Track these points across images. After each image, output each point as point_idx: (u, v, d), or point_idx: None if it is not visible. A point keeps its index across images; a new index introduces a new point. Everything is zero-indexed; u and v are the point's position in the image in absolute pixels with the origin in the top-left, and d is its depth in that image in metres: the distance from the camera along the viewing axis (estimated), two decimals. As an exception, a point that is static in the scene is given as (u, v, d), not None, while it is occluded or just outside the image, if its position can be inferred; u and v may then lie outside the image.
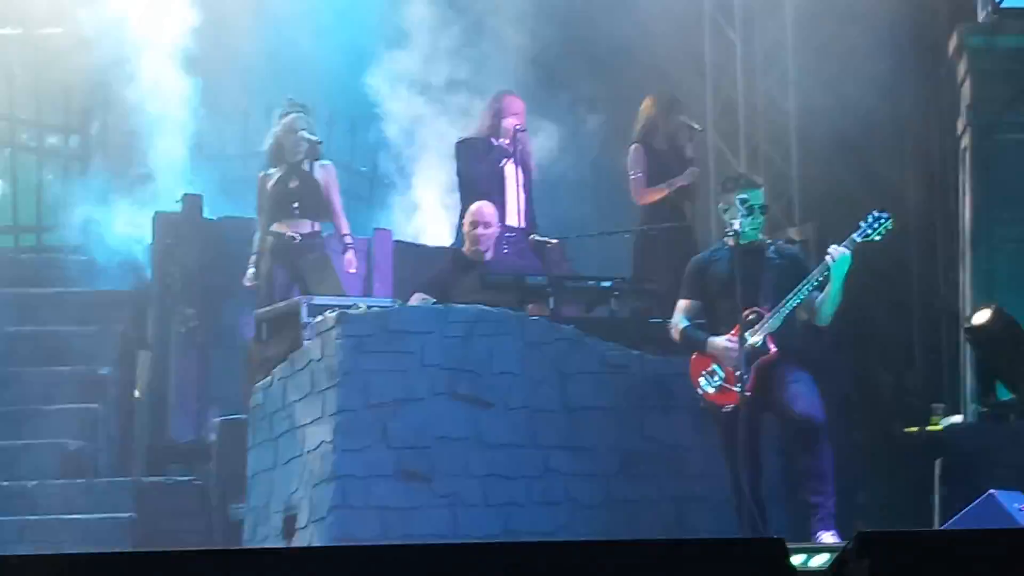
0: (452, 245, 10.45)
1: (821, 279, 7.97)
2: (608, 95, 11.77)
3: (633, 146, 10.25)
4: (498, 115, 10.32)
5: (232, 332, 10.91)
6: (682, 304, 8.26)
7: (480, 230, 9.63)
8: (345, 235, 10.43)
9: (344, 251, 10.37)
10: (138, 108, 12.18)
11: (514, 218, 10.25)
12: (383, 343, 8.37)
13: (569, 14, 11.94)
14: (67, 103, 12.41)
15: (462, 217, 10.04)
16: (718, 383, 8.00)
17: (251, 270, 10.28)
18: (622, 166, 10.33)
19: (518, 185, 10.31)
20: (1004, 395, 9.27)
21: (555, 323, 8.78)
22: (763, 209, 8.21)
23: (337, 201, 10.39)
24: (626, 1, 11.60)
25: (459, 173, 10.51)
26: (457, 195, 10.66)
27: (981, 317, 9.14)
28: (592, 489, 8.37)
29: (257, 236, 10.34)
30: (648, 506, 8.44)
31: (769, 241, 8.30)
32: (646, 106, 10.30)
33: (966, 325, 9.38)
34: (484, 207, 9.78)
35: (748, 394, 7.85)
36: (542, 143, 10.94)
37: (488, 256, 9.68)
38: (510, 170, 10.31)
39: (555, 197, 10.63)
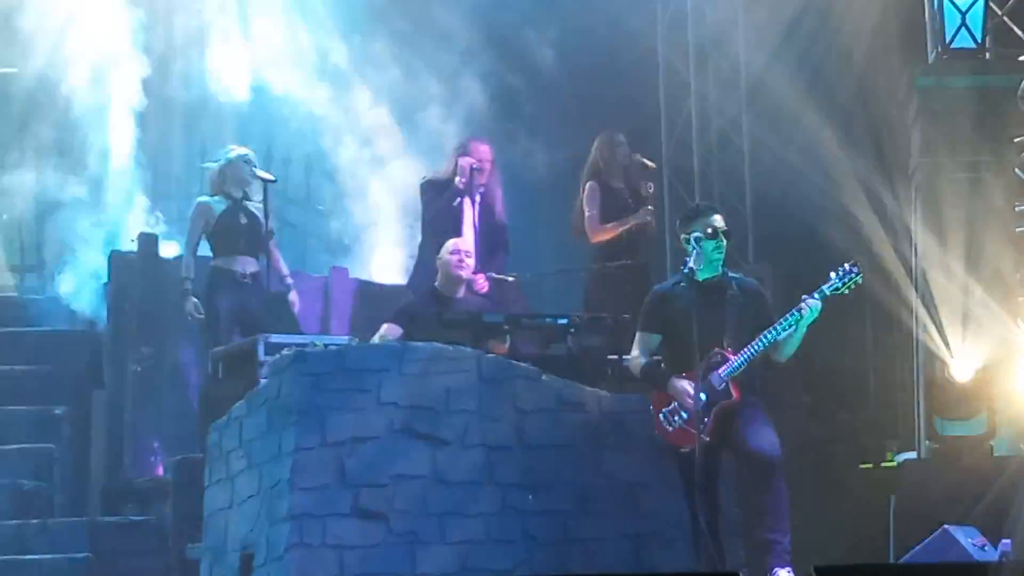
0: (411, 281, 10.49)
1: (787, 330, 7.97)
2: (565, 135, 11.84)
3: (588, 184, 10.33)
4: (458, 157, 10.40)
5: (187, 371, 10.89)
6: (641, 337, 8.25)
7: (462, 257, 9.70)
8: (286, 276, 10.42)
9: (288, 292, 10.36)
10: (92, 145, 12.18)
11: (472, 259, 10.29)
12: (340, 381, 8.36)
13: (525, 54, 12.01)
14: (21, 142, 12.38)
15: (420, 255, 10.07)
16: (678, 423, 8.01)
17: (194, 300, 10.20)
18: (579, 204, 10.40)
19: (474, 225, 10.38)
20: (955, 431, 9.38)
21: (512, 360, 8.79)
22: (725, 235, 8.19)
23: (273, 241, 10.35)
24: (583, 44, 11.69)
25: (422, 213, 10.57)
26: (409, 233, 10.72)
27: None
28: (550, 526, 8.37)
29: (186, 264, 10.24)
30: (606, 543, 8.44)
31: (731, 275, 8.30)
32: (598, 145, 10.38)
33: None
34: (460, 240, 9.87)
35: (708, 438, 7.88)
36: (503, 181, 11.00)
37: (461, 291, 9.73)
38: (467, 210, 10.38)
39: (512, 235, 10.68)
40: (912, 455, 10.00)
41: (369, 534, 8.13)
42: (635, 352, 8.25)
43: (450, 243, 9.84)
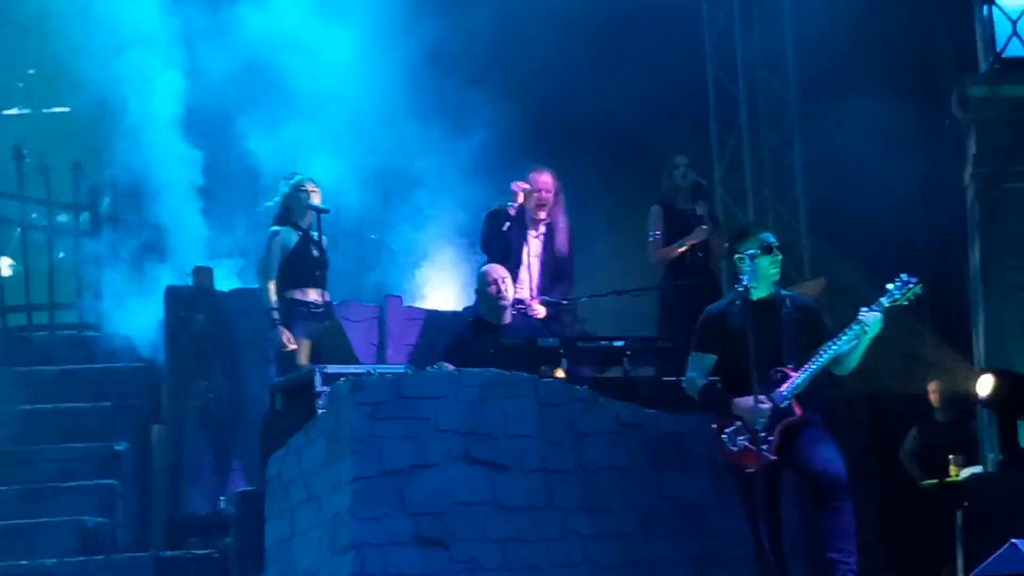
0: (466, 310, 10.49)
1: (848, 345, 7.89)
2: (619, 158, 11.84)
3: (653, 207, 10.40)
4: (524, 188, 10.41)
5: (246, 403, 10.92)
6: (696, 358, 8.17)
7: (499, 286, 9.66)
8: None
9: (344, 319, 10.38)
10: (146, 184, 12.26)
11: (526, 290, 10.30)
12: (397, 409, 8.35)
13: (575, 78, 12.02)
14: (75, 181, 12.48)
15: (479, 285, 10.09)
16: (742, 443, 7.93)
17: (284, 331, 10.16)
18: (636, 227, 10.42)
19: (539, 256, 10.39)
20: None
21: (569, 384, 8.77)
22: (779, 251, 8.12)
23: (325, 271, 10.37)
24: (632, 66, 11.69)
25: (482, 242, 10.58)
26: (463, 259, 10.72)
27: (985, 387, 9.17)
28: (611, 550, 8.33)
29: (269, 296, 10.26)
30: (668, 565, 8.39)
31: (785, 293, 8.23)
32: (667, 166, 10.43)
33: (976, 398, 9.39)
34: (496, 267, 9.84)
35: (774, 457, 7.81)
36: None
37: (507, 317, 9.71)
38: (531, 240, 10.40)
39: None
40: (978, 469, 9.90)
41: (430, 562, 8.11)
42: (691, 373, 8.18)
43: (484, 272, 9.80)
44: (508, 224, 10.35)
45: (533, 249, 10.42)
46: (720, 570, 8.40)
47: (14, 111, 12.73)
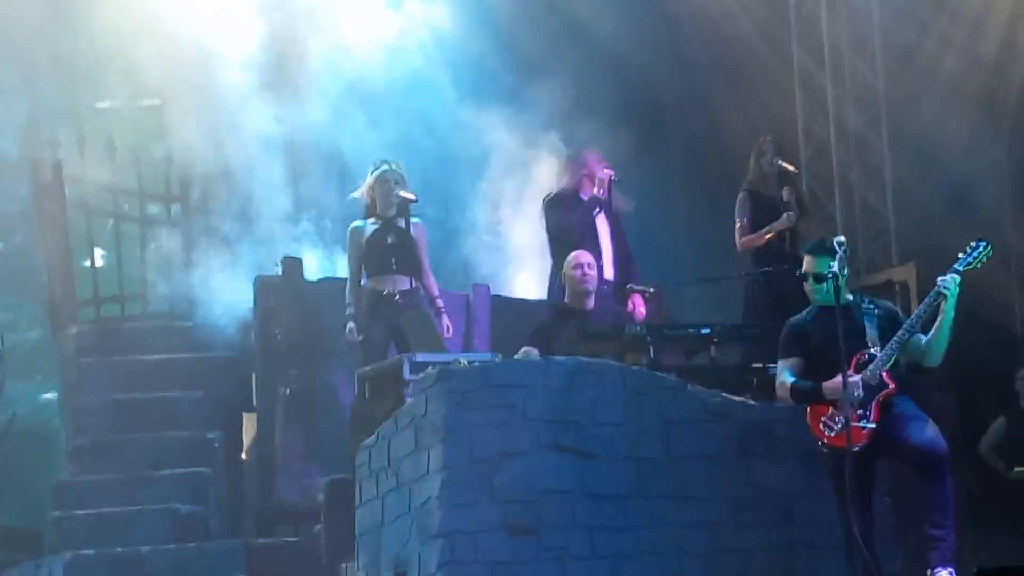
0: (549, 298, 10.52)
1: (928, 311, 7.88)
2: (703, 143, 11.81)
3: (740, 194, 10.38)
4: (580, 170, 10.44)
5: (335, 392, 11.00)
6: (784, 364, 8.17)
7: (585, 271, 9.69)
8: (436, 297, 10.45)
9: (437, 314, 10.38)
10: (236, 175, 12.36)
11: (608, 270, 10.32)
12: (486, 397, 8.39)
13: (658, 64, 12.00)
14: (167, 172, 12.61)
15: (555, 271, 10.09)
16: (839, 425, 7.91)
17: (351, 325, 10.27)
18: (719, 214, 10.39)
19: (610, 237, 10.40)
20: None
21: (656, 372, 8.77)
22: (848, 266, 8.14)
23: (426, 261, 10.42)
24: (715, 52, 11.65)
25: (549, 228, 10.60)
26: (547, 250, 10.74)
27: None
28: (699, 538, 8.33)
29: (349, 289, 10.36)
30: (758, 554, 8.38)
31: (862, 297, 8.24)
32: (755, 152, 10.40)
33: None
34: (583, 253, 9.87)
35: (874, 426, 7.79)
36: (636, 195, 10.98)
37: (590, 303, 9.73)
38: (601, 223, 10.41)
39: (652, 246, 10.67)
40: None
41: (520, 549, 8.15)
42: (782, 378, 8.16)
43: (571, 257, 9.83)
44: (598, 209, 10.38)
45: (604, 233, 10.43)
46: (809, 559, 8.37)
47: (107, 104, 12.87)
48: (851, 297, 8.14)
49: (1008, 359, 10.91)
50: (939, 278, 7.90)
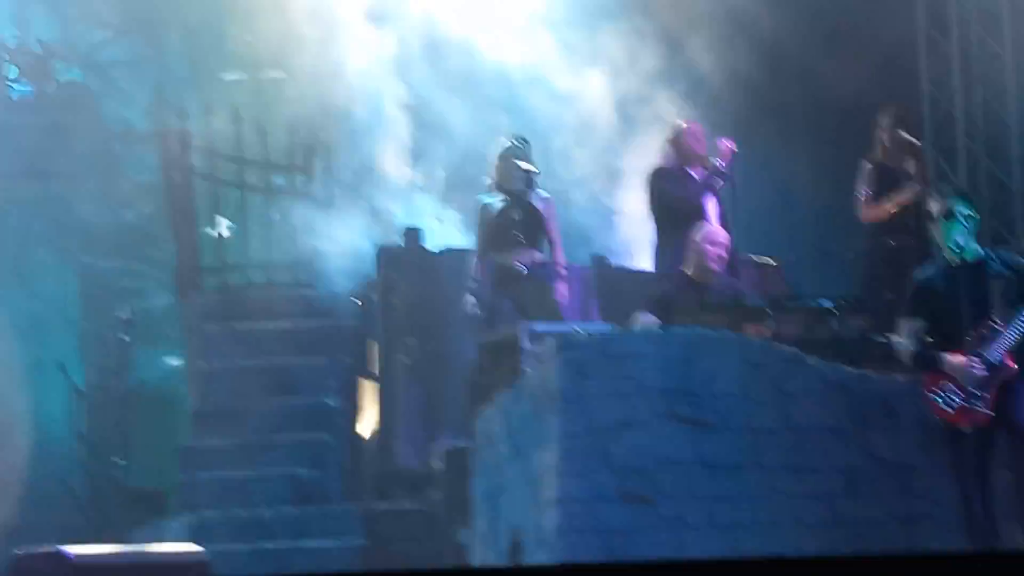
0: (657, 270, 10.50)
1: None
2: (826, 113, 11.68)
3: (865, 165, 10.28)
4: (686, 144, 10.42)
5: (454, 361, 11.07)
6: (907, 324, 8.11)
7: (720, 252, 9.68)
8: (560, 265, 10.52)
9: (556, 279, 10.44)
10: (358, 146, 12.45)
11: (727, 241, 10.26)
12: (603, 367, 8.42)
13: (773, 37, 11.88)
14: (291, 143, 12.74)
15: (660, 245, 10.10)
16: (956, 403, 7.83)
17: (471, 298, 10.39)
18: (842, 185, 10.30)
19: (718, 216, 10.36)
20: None
21: (775, 343, 8.74)
22: (978, 222, 8.05)
23: (556, 231, 10.52)
24: (838, 19, 11.52)
25: (652, 202, 10.57)
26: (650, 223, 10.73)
27: None
28: (817, 509, 8.30)
29: (476, 264, 10.48)
30: (876, 526, 8.33)
31: (992, 252, 8.11)
32: (880, 122, 10.30)
33: None
34: (720, 231, 9.84)
35: (990, 412, 7.71)
36: (755, 165, 10.91)
37: (712, 279, 9.71)
38: (711, 201, 10.39)
39: (772, 218, 10.59)
40: None
41: (636, 518, 8.18)
42: (902, 339, 8.11)
43: (707, 231, 9.79)
44: (721, 182, 10.34)
45: (712, 211, 10.40)
46: (929, 532, 8.31)
47: (232, 75, 13.03)
48: (981, 252, 8.00)
49: None
50: None
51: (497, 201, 10.52)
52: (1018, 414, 7.76)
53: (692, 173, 10.46)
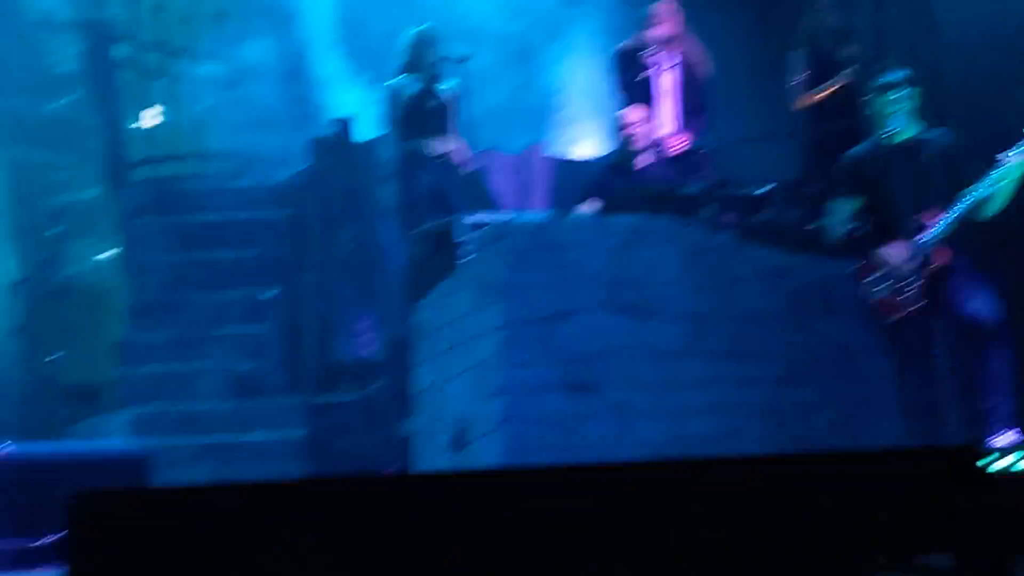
0: (607, 156, 10.49)
1: (988, 185, 7.78)
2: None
3: (796, 50, 10.25)
4: (648, 24, 10.34)
5: (390, 252, 11.04)
6: (835, 206, 8.14)
7: (631, 129, 9.69)
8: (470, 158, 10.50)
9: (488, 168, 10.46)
10: (290, 35, 12.30)
11: (668, 126, 10.26)
12: (543, 256, 8.41)
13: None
14: (220, 31, 12.55)
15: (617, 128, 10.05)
16: (884, 291, 7.90)
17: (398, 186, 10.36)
18: (781, 70, 10.28)
19: (674, 90, 10.32)
20: None
21: (714, 230, 8.76)
22: (916, 101, 8.04)
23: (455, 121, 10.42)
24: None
25: (614, 84, 10.55)
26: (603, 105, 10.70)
27: None
28: (759, 395, 8.37)
29: (393, 150, 10.42)
30: (815, 410, 8.42)
31: (925, 136, 8.12)
32: (811, 6, 10.27)
33: None
34: (631, 110, 9.85)
35: (922, 301, 7.76)
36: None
37: (645, 160, 9.71)
38: (665, 79, 10.32)
39: (711, 104, 10.56)
40: None
41: (580, 407, 8.22)
42: (835, 219, 8.14)
43: (619, 115, 9.83)
44: (653, 67, 10.30)
45: (667, 84, 10.35)
46: (867, 416, 8.40)
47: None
48: (918, 135, 8.00)
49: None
50: (1004, 155, 7.77)
51: (408, 85, 10.46)
52: (952, 303, 7.82)
53: (649, 54, 10.35)
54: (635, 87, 10.28)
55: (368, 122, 12.05)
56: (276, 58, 12.40)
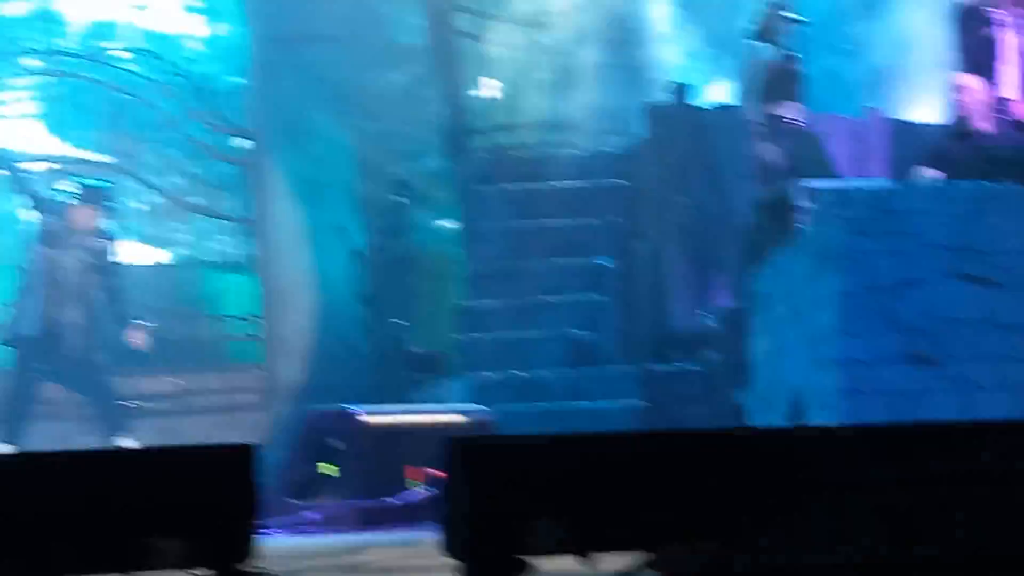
0: (947, 120, 10.19)
1: None
2: None
3: None
4: None
5: (728, 219, 10.96)
6: None
7: (967, 95, 9.38)
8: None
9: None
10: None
11: (1012, 90, 9.88)
12: (884, 224, 8.24)
13: None
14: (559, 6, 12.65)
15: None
16: None
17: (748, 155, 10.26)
18: None
19: (1016, 54, 9.94)
20: None
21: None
22: None
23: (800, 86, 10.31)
24: None
25: (954, 43, 10.22)
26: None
27: None
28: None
29: (747, 118, 10.33)
30: None
31: None
32: None
33: None
34: (963, 76, 9.52)
35: None
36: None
37: (985, 126, 9.39)
38: (1009, 38, 9.94)
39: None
40: None
41: (920, 378, 8.03)
42: None
43: (958, 77, 9.48)
44: (999, 29, 9.93)
45: (1012, 43, 9.95)
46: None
47: None
48: None
49: None
50: None
51: (765, 50, 10.35)
52: None
53: (994, 13, 9.99)
54: (977, 47, 9.92)
55: (704, 88, 12.01)
56: (607, 24, 12.43)
